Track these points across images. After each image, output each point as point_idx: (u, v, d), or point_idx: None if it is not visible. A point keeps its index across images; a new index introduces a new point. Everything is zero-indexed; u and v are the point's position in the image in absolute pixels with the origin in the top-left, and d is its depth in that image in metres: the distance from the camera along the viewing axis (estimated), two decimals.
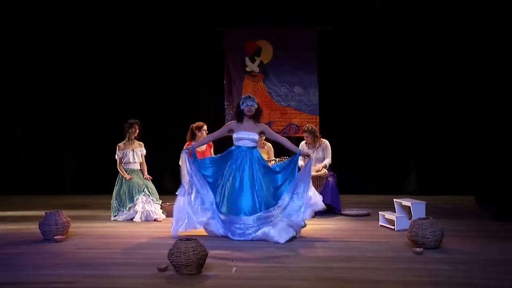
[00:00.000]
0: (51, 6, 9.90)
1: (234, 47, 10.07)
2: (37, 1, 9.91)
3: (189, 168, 6.26)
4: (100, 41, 10.09)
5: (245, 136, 6.30)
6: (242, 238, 6.04)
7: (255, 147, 6.38)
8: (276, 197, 6.20)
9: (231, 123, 6.56)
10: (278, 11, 9.74)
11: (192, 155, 6.36)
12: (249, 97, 6.41)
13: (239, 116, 6.39)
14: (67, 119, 10.34)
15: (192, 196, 6.24)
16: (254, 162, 6.25)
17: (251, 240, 6.00)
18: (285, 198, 6.14)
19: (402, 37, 9.71)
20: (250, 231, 6.05)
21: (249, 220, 6.07)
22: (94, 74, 10.17)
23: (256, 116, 6.39)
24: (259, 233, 6.01)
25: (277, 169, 6.39)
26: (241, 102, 6.37)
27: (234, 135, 6.38)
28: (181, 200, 6.27)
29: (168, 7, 9.86)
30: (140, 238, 6.31)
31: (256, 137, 6.35)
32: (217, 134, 6.69)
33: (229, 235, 6.12)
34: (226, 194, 6.23)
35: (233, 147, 6.40)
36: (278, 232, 5.93)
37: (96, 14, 9.96)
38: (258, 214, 6.07)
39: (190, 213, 6.19)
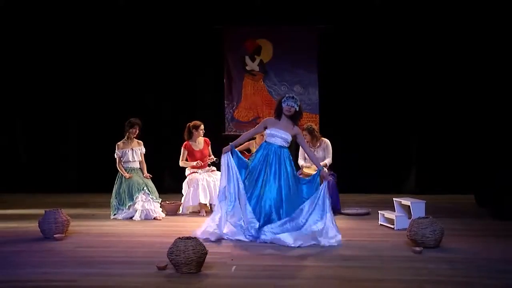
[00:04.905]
0: (51, 6, 9.89)
1: (234, 46, 10.06)
2: (37, 1, 9.90)
3: (227, 172, 6.13)
4: (100, 41, 10.08)
5: (278, 134, 6.15)
6: (252, 238, 5.96)
7: (286, 147, 6.23)
8: (297, 205, 6.04)
9: (268, 119, 6.45)
10: (278, 9, 9.74)
11: (234, 154, 6.23)
12: (293, 97, 6.23)
13: (278, 113, 6.26)
14: (67, 119, 10.32)
15: (229, 205, 6.11)
16: (283, 163, 6.11)
17: (260, 242, 5.90)
18: (305, 212, 5.96)
19: (402, 37, 9.71)
20: (266, 236, 5.92)
21: (274, 226, 5.94)
22: (94, 74, 10.16)
23: (295, 118, 6.24)
24: (271, 237, 5.88)
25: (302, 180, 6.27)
26: (282, 100, 6.21)
27: (268, 131, 6.24)
28: (219, 207, 6.17)
29: (168, 6, 9.85)
30: (140, 236, 6.31)
31: (289, 137, 6.19)
32: (253, 131, 6.68)
33: (243, 237, 6.02)
34: (259, 200, 6.09)
35: (263, 143, 6.32)
36: (293, 239, 5.77)
37: (96, 14, 9.95)
38: (282, 220, 5.94)
39: (222, 222, 6.08)
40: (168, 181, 9.83)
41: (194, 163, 7.83)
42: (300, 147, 7.70)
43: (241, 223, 6.07)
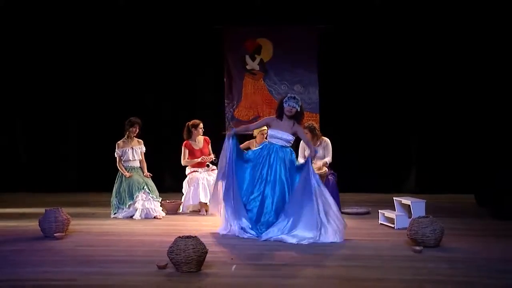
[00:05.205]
0: (51, 6, 9.89)
1: (234, 45, 10.06)
2: (37, 1, 9.90)
3: (228, 155, 6.21)
4: (100, 41, 10.08)
5: (278, 135, 6.23)
6: (253, 237, 6.03)
7: (288, 146, 6.29)
8: (298, 203, 6.00)
9: (269, 118, 6.53)
10: (278, 9, 9.74)
11: (232, 138, 6.27)
12: (294, 97, 6.26)
13: (280, 113, 6.31)
14: (67, 118, 10.32)
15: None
16: (285, 163, 6.16)
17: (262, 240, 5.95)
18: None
19: (402, 37, 9.71)
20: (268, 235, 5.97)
21: (276, 227, 5.97)
22: (94, 74, 10.16)
23: (296, 118, 6.29)
24: (273, 237, 5.92)
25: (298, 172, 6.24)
26: (284, 100, 6.25)
27: (269, 131, 6.34)
28: (218, 185, 6.32)
29: (168, 5, 9.85)
30: (140, 235, 6.31)
31: (290, 137, 6.26)
32: (254, 125, 6.87)
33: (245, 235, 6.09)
34: (261, 200, 6.16)
35: (266, 142, 6.41)
36: (295, 239, 5.82)
37: (96, 14, 9.95)
38: (284, 221, 5.93)
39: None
40: (168, 180, 9.84)
41: (199, 159, 7.84)
42: (300, 145, 7.73)
43: (240, 223, 6.10)
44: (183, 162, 7.98)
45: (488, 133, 9.27)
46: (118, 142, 7.81)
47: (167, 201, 7.92)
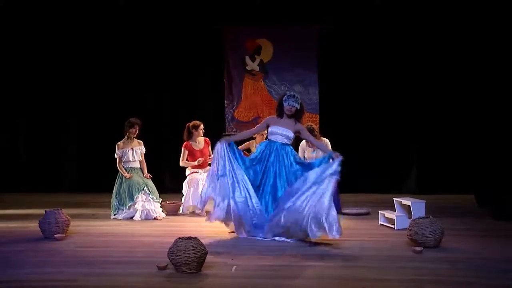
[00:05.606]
0: (51, 6, 9.90)
1: (234, 45, 10.06)
2: (37, 1, 9.90)
3: (220, 159, 6.11)
4: (100, 41, 10.09)
5: (279, 131, 6.20)
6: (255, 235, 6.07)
7: (288, 144, 6.27)
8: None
9: (269, 118, 6.51)
10: (278, 9, 9.75)
11: (230, 146, 6.20)
12: (294, 96, 6.26)
13: (280, 112, 6.30)
14: (67, 119, 10.33)
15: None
16: (286, 161, 6.14)
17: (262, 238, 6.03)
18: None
19: (402, 36, 9.72)
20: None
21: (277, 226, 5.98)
22: (94, 74, 10.17)
23: (297, 116, 6.28)
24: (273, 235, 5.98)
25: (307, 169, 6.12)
26: (283, 99, 6.24)
27: (270, 129, 6.29)
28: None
29: (168, 6, 9.86)
30: (140, 236, 6.31)
31: (291, 134, 6.22)
32: (255, 129, 6.79)
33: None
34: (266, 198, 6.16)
35: (265, 141, 6.38)
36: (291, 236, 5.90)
37: (96, 14, 9.96)
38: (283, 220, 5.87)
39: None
40: (168, 181, 9.84)
41: (196, 162, 7.84)
42: (300, 146, 7.72)
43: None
44: (181, 163, 7.97)
45: (488, 133, 9.26)
46: (118, 143, 7.81)
47: (167, 202, 7.91)
